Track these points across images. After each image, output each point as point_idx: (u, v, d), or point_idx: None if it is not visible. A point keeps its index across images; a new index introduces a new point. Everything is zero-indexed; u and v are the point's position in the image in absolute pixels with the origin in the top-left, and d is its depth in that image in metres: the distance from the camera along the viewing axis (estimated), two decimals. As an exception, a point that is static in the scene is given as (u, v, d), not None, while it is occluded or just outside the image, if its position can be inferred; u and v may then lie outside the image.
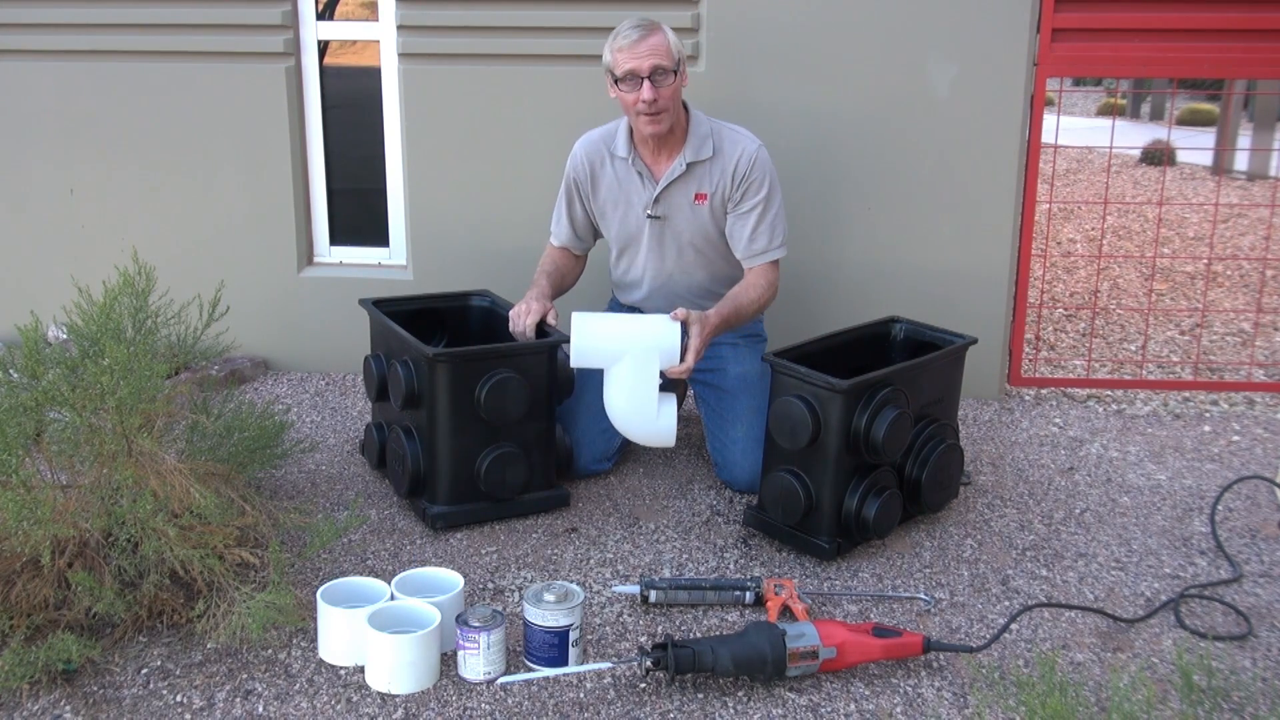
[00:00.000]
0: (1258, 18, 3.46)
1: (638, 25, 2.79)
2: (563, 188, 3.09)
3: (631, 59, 2.76)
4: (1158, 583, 2.56)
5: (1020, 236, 3.63)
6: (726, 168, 2.92)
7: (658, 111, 2.81)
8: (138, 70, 3.78)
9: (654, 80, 2.77)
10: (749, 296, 2.91)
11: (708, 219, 2.96)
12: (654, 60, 2.76)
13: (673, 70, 2.79)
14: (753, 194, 2.92)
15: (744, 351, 3.07)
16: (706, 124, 2.95)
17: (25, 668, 2.01)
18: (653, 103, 2.78)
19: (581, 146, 3.05)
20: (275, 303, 3.90)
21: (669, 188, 2.94)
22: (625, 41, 2.77)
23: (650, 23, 2.80)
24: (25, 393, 2.24)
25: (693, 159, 2.91)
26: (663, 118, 2.83)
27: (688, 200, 2.95)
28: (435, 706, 2.06)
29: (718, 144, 2.93)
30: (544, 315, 2.83)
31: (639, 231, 3.02)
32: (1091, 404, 3.75)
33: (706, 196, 2.94)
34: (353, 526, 2.66)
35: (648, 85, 2.76)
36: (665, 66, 2.77)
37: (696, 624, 2.35)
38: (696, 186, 2.94)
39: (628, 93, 2.80)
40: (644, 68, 2.76)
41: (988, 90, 3.48)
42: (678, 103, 2.88)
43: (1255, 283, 5.43)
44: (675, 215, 2.97)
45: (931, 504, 2.78)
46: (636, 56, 2.76)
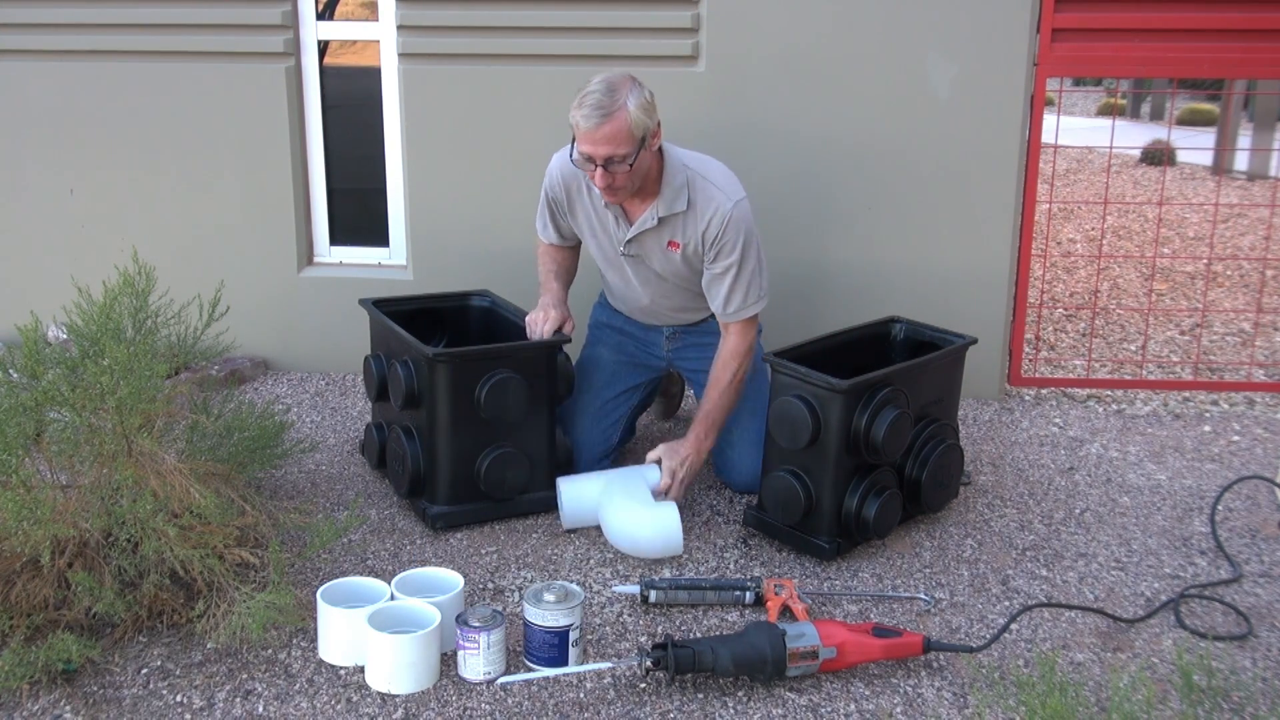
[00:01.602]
0: (1258, 18, 3.45)
1: (598, 105, 2.57)
2: (541, 198, 2.99)
3: (588, 143, 2.60)
4: (1158, 583, 2.56)
5: (1020, 236, 3.63)
6: (699, 226, 2.75)
7: (614, 189, 2.68)
8: (138, 70, 3.78)
9: (608, 168, 2.61)
10: (721, 386, 2.81)
11: (681, 263, 2.85)
12: (608, 150, 2.58)
13: (632, 155, 2.60)
14: (725, 255, 2.75)
15: None
16: (683, 174, 2.76)
17: (25, 668, 2.01)
18: (606, 187, 2.67)
19: (558, 167, 2.90)
20: (275, 303, 3.90)
21: (643, 234, 2.83)
22: (584, 122, 2.58)
23: (613, 100, 2.57)
24: (25, 393, 2.24)
25: (665, 213, 2.76)
26: (620, 194, 2.70)
27: (660, 246, 2.83)
28: (435, 706, 2.06)
29: (692, 197, 2.75)
30: (561, 324, 2.82)
31: (616, 261, 2.95)
32: (1091, 404, 3.75)
33: (679, 245, 2.81)
34: (353, 526, 2.66)
35: (601, 172, 2.62)
36: (621, 154, 2.59)
37: (696, 624, 2.35)
38: (670, 235, 2.80)
39: (582, 166, 2.67)
40: (598, 155, 2.60)
41: (988, 90, 3.48)
42: (641, 172, 2.69)
43: (1255, 283, 5.43)
44: (650, 256, 2.87)
45: (931, 504, 2.78)
46: (593, 142, 2.59)
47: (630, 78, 2.66)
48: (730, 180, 2.80)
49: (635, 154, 2.62)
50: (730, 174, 2.83)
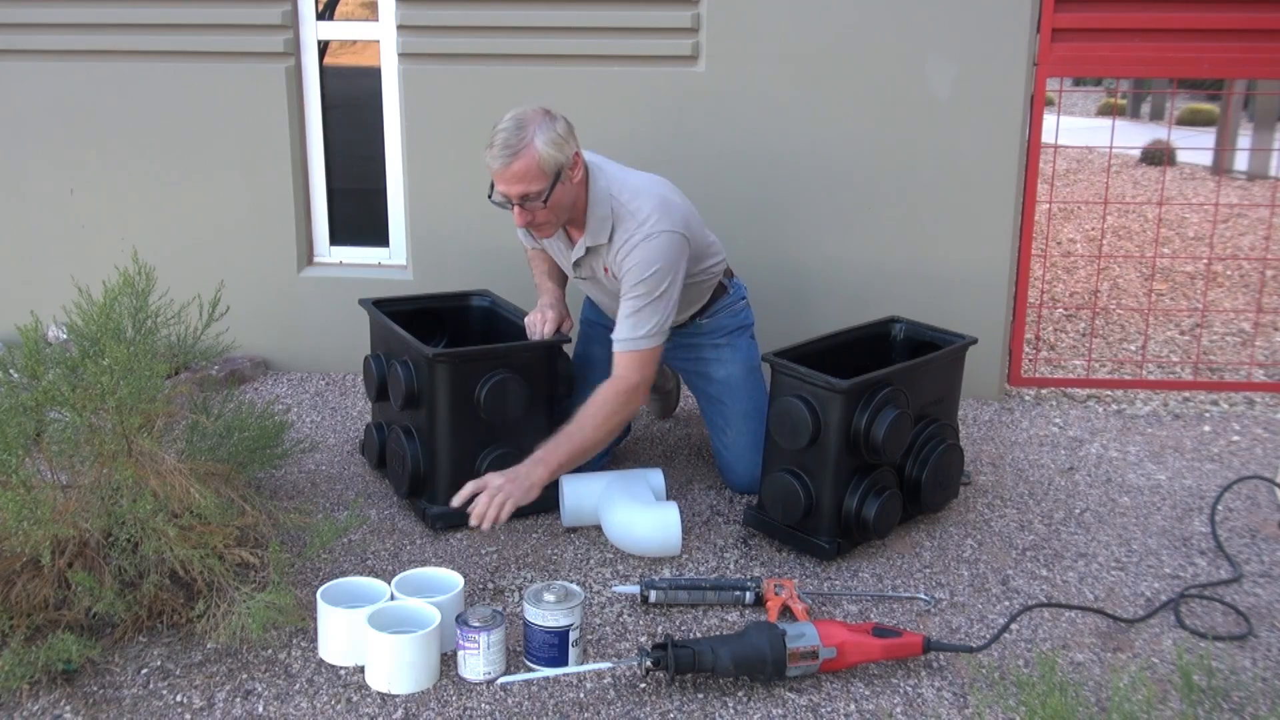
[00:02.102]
0: (1258, 18, 3.46)
1: (505, 144, 2.52)
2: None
3: (501, 182, 2.57)
4: (1158, 583, 2.56)
5: (1020, 236, 3.63)
6: (615, 254, 2.71)
7: (538, 225, 2.66)
8: (138, 70, 3.78)
9: (523, 205, 2.59)
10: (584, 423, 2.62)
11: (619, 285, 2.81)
12: (520, 189, 2.55)
13: (546, 191, 2.56)
14: (629, 282, 2.67)
15: (727, 352, 3.01)
16: (606, 205, 2.68)
17: (25, 668, 2.01)
18: (526, 225, 2.65)
19: None
20: (275, 303, 3.90)
21: (582, 259, 2.81)
22: (494, 162, 2.55)
23: (520, 137, 2.52)
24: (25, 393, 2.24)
25: (590, 244, 2.74)
26: (546, 227, 2.68)
27: (600, 271, 2.82)
28: (435, 706, 2.06)
29: (615, 226, 2.68)
30: (560, 324, 2.82)
31: (577, 281, 2.96)
32: (1091, 404, 3.75)
33: (609, 271, 2.79)
34: (353, 526, 2.66)
35: (518, 210, 2.59)
36: (535, 192, 2.55)
37: (696, 624, 2.35)
38: (603, 262, 2.78)
39: (502, 204, 2.65)
40: (511, 194, 2.57)
41: (988, 90, 3.48)
42: (563, 206, 2.65)
43: (1255, 283, 5.43)
44: (597, 278, 2.86)
45: (931, 504, 2.78)
46: (504, 181, 2.56)
47: (543, 112, 2.59)
48: (656, 210, 2.67)
49: (549, 190, 2.57)
50: (664, 203, 2.70)
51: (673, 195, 2.78)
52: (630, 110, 3.61)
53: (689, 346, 3.01)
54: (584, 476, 2.81)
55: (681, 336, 3.03)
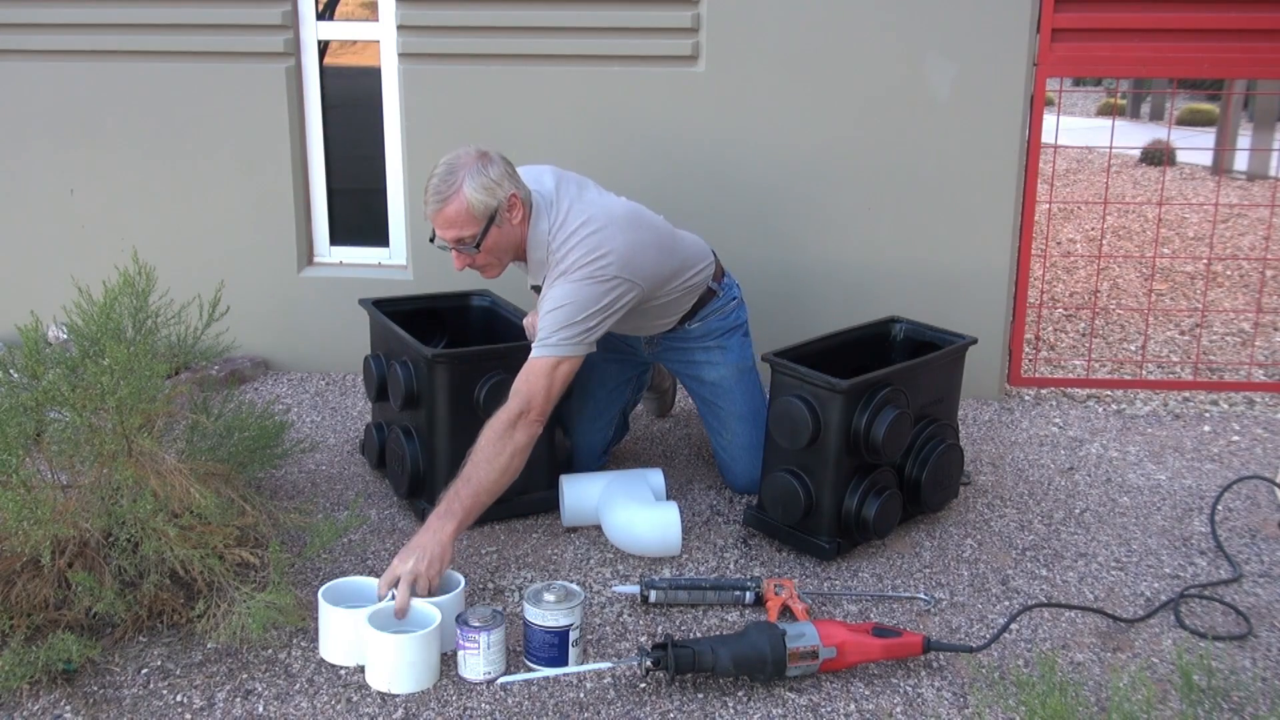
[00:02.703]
0: (1258, 18, 3.46)
1: (435, 191, 2.52)
2: None
3: (435, 226, 2.58)
4: (1158, 583, 2.56)
5: (1020, 236, 3.63)
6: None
7: (480, 267, 2.65)
8: (137, 70, 3.78)
9: (459, 249, 2.59)
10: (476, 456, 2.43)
11: None
12: (454, 233, 2.55)
13: (478, 235, 2.55)
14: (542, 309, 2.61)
15: (717, 355, 2.98)
16: (544, 247, 2.63)
17: (25, 668, 2.01)
18: (465, 267, 2.64)
19: None
20: (275, 303, 3.90)
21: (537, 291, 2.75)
22: (426, 209, 2.56)
23: (449, 183, 2.52)
24: (25, 393, 2.24)
25: (534, 283, 2.73)
26: (487, 270, 2.67)
27: None
28: (435, 706, 2.06)
29: (551, 266, 2.63)
30: None
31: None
32: (1091, 404, 3.75)
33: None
34: (353, 526, 2.66)
35: (455, 254, 2.60)
36: (468, 236, 2.54)
37: (696, 624, 2.35)
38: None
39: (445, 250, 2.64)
40: (446, 238, 2.58)
41: (988, 90, 3.48)
42: (503, 248, 2.62)
43: (1255, 283, 5.43)
44: None
45: (931, 504, 2.78)
46: (438, 226, 2.57)
47: (477, 155, 2.56)
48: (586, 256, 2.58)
49: (482, 234, 2.55)
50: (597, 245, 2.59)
51: (622, 231, 2.64)
52: (630, 110, 3.61)
53: (680, 350, 3.01)
54: (584, 476, 2.81)
55: (672, 340, 3.01)
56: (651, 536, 2.59)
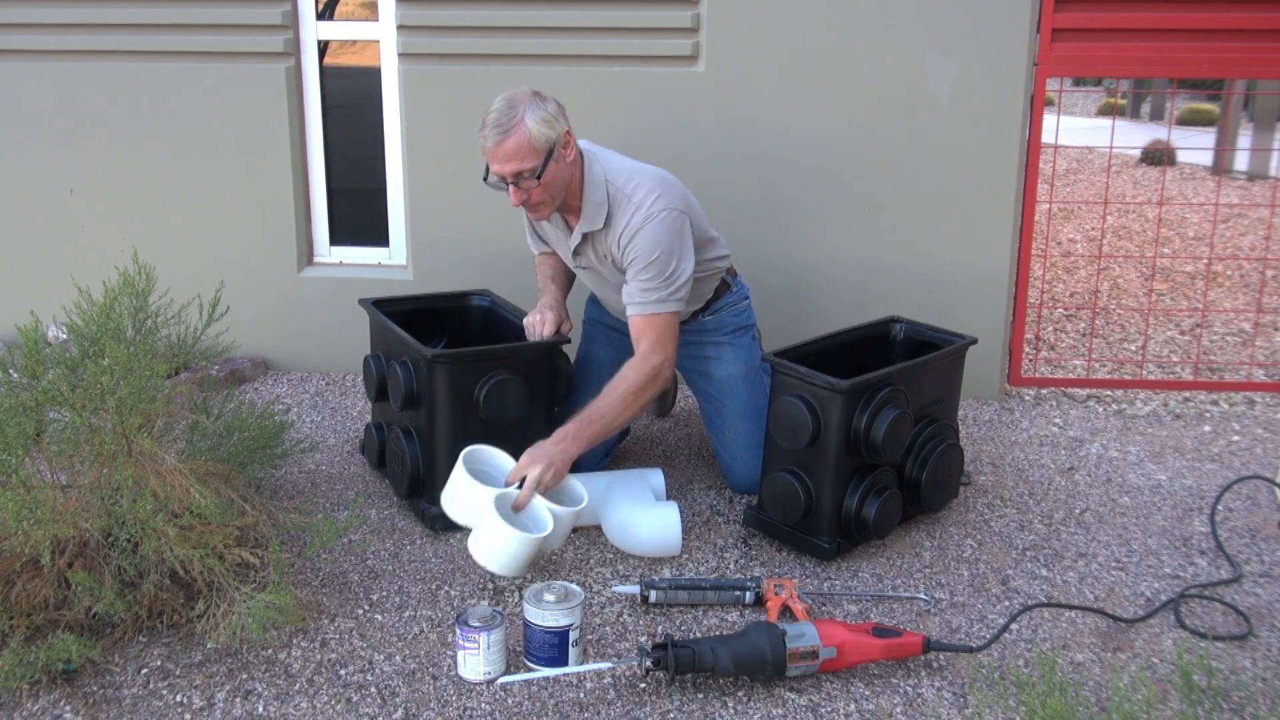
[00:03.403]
0: (1258, 18, 3.46)
1: (496, 124, 2.57)
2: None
3: (494, 161, 2.60)
4: (1158, 583, 2.56)
5: (1020, 236, 3.63)
6: (614, 238, 2.73)
7: (534, 205, 2.69)
8: (138, 70, 3.78)
9: (518, 184, 2.61)
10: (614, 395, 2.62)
11: (621, 274, 2.83)
12: (513, 166, 2.58)
13: (538, 167, 2.59)
14: (637, 263, 2.69)
15: (728, 351, 3.02)
16: (603, 188, 2.71)
17: (25, 668, 2.01)
18: (521, 204, 2.67)
19: None
20: (275, 303, 3.90)
21: (580, 246, 2.83)
22: (486, 141, 2.58)
23: (507, 119, 2.57)
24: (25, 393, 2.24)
25: (587, 229, 2.76)
26: (542, 207, 2.70)
27: (599, 258, 2.83)
28: (435, 706, 2.06)
29: (611, 210, 2.71)
30: (559, 325, 2.83)
31: (578, 270, 2.97)
32: (1091, 404, 3.75)
33: (608, 258, 2.81)
34: (353, 526, 2.66)
35: (513, 190, 2.62)
36: (528, 169, 2.58)
37: (696, 624, 2.35)
38: (600, 249, 2.80)
39: (497, 186, 2.67)
40: (505, 172, 2.60)
41: (988, 90, 3.48)
42: (557, 185, 2.67)
43: (1255, 283, 5.43)
44: (596, 266, 2.88)
45: (931, 504, 2.78)
46: (497, 160, 2.59)
47: (533, 93, 2.63)
48: (654, 190, 2.70)
49: (542, 166, 2.60)
50: (661, 185, 2.72)
51: (672, 178, 2.80)
52: (630, 110, 3.61)
53: (691, 344, 3.01)
54: (584, 477, 2.81)
55: (685, 333, 3.02)
56: (651, 536, 2.59)
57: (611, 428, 2.65)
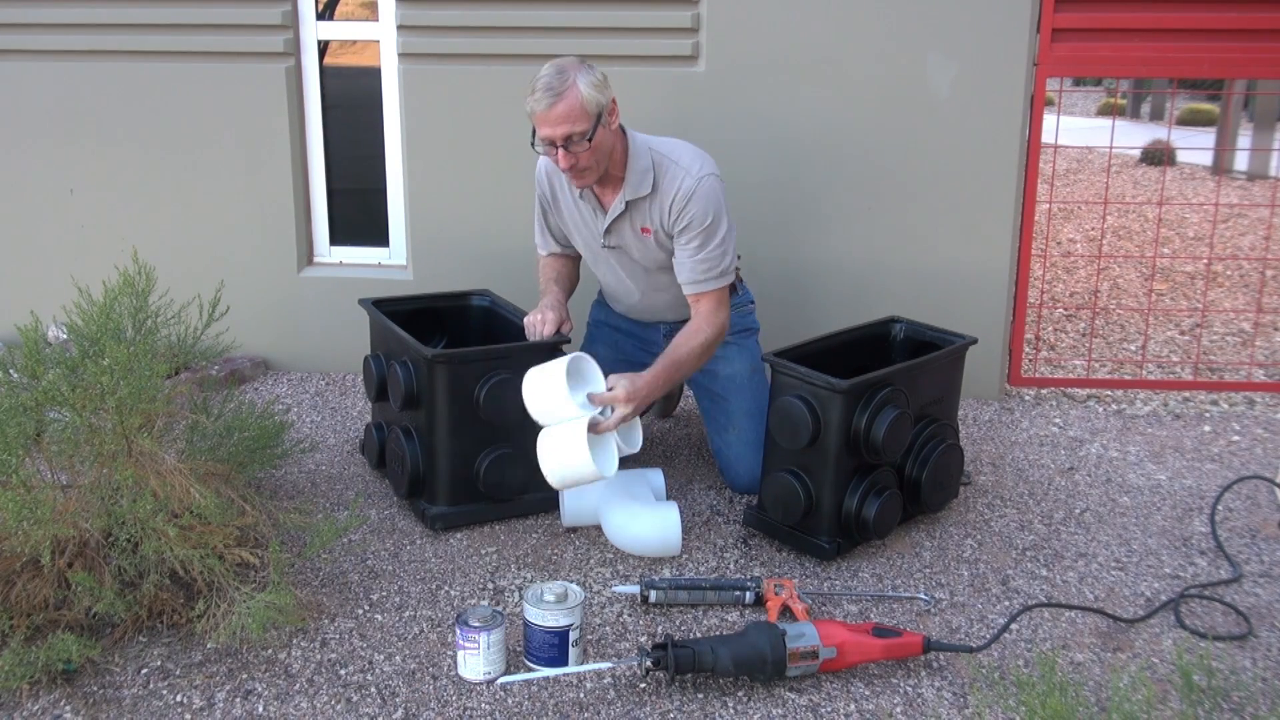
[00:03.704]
0: (1258, 18, 3.46)
1: (548, 88, 2.60)
2: (536, 201, 3.04)
3: (545, 125, 2.62)
4: (1158, 583, 2.56)
5: (1020, 236, 3.63)
6: (664, 204, 2.77)
7: (580, 171, 2.70)
8: (138, 70, 3.78)
9: (568, 148, 2.63)
10: (690, 345, 2.74)
11: (656, 249, 2.87)
12: (565, 129, 2.60)
13: (589, 131, 2.62)
14: (691, 228, 2.75)
15: (733, 350, 3.03)
16: (647, 156, 2.77)
17: (25, 668, 2.01)
18: (570, 169, 2.68)
19: (543, 164, 2.96)
20: (275, 303, 3.90)
21: (616, 221, 2.85)
22: (537, 105, 2.61)
23: (559, 83, 2.60)
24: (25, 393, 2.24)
25: (631, 197, 2.78)
26: (587, 174, 2.71)
27: (635, 233, 2.86)
28: (435, 706, 2.06)
29: (657, 177, 2.76)
30: (559, 325, 2.83)
31: (600, 255, 2.97)
32: (1091, 404, 3.75)
33: (650, 230, 2.83)
34: (353, 526, 2.66)
35: (563, 153, 2.63)
36: (579, 132, 2.61)
37: (696, 624, 2.35)
38: (641, 221, 2.82)
39: (546, 152, 2.69)
40: (557, 136, 2.61)
41: (988, 90, 3.48)
42: (604, 151, 2.70)
43: (1255, 283, 5.43)
44: (627, 245, 2.90)
45: (931, 504, 2.78)
46: (549, 123, 2.61)
47: (579, 59, 2.68)
48: (697, 158, 2.79)
49: (593, 130, 2.63)
50: (701, 154, 2.81)
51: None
52: (630, 110, 3.59)
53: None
54: None
55: None
56: (651, 536, 2.59)
57: (684, 378, 2.84)
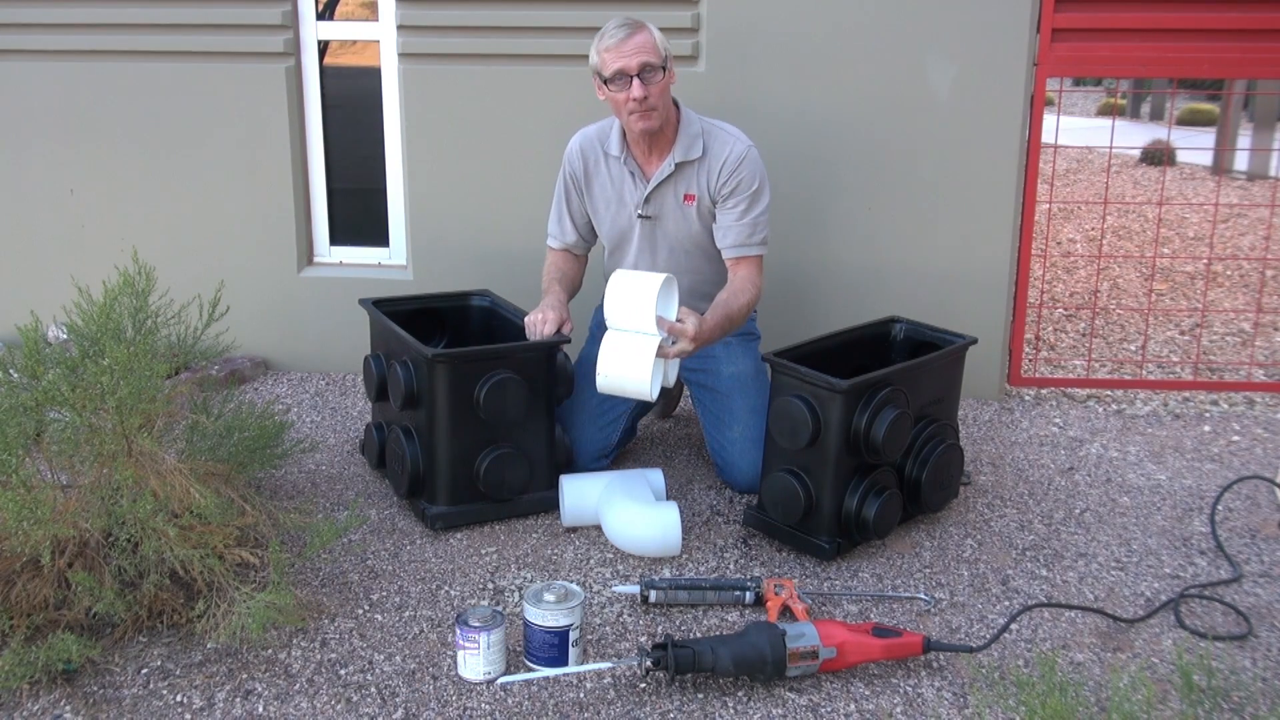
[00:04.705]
0: (1258, 18, 3.46)
1: (623, 24, 2.77)
2: (559, 184, 3.09)
3: (619, 58, 2.75)
4: (1158, 583, 2.56)
5: (1020, 236, 3.63)
6: (714, 167, 2.90)
7: (649, 109, 2.80)
8: (138, 70, 3.78)
9: (643, 78, 2.75)
10: (738, 301, 2.86)
11: (695, 220, 2.95)
12: (642, 58, 2.75)
13: (661, 66, 2.78)
14: (740, 191, 2.90)
15: (737, 351, 3.06)
16: (698, 123, 2.93)
17: (25, 668, 2.01)
18: (643, 100, 2.77)
19: (577, 142, 3.05)
20: (275, 303, 3.90)
21: (659, 187, 2.94)
22: (612, 41, 2.76)
23: (635, 21, 2.79)
24: (25, 393, 2.24)
25: (682, 159, 2.90)
26: (654, 115, 2.81)
27: (677, 201, 2.94)
28: (435, 706, 2.06)
29: (708, 143, 2.92)
30: (560, 324, 2.84)
31: (630, 231, 3.02)
32: (1091, 404, 3.75)
33: (695, 198, 2.93)
34: (353, 526, 2.66)
35: (637, 83, 2.75)
36: (653, 63, 2.76)
37: (696, 624, 2.35)
38: (686, 187, 2.93)
39: (617, 92, 2.79)
40: (632, 66, 2.74)
41: (988, 90, 3.48)
42: (668, 99, 2.86)
43: (1255, 283, 5.43)
44: (665, 216, 2.96)
45: (931, 504, 2.78)
46: (624, 55, 2.75)
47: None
48: (739, 132, 2.96)
49: (664, 69, 2.79)
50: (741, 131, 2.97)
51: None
52: (630, 110, 3.61)
53: None
54: (584, 476, 2.81)
55: None
56: (651, 536, 2.59)
57: (728, 331, 2.86)
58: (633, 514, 2.62)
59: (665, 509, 2.62)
